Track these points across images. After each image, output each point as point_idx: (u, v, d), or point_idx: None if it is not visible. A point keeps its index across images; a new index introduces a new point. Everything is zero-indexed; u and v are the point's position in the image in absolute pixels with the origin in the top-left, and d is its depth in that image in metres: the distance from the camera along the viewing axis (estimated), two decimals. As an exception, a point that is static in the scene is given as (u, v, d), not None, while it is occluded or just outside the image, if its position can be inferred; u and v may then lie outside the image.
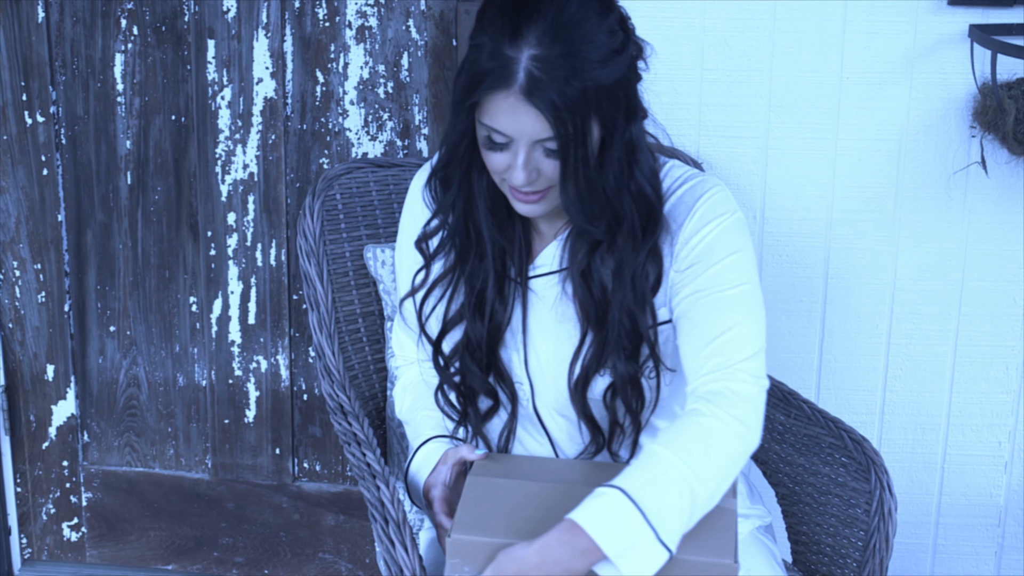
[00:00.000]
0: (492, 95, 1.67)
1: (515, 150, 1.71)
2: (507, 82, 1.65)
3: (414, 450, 1.98)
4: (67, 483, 3.01)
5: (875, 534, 1.97)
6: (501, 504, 1.76)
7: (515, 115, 1.67)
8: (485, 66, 1.67)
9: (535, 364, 1.90)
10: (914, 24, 2.48)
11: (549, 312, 1.87)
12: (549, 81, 1.64)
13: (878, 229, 2.59)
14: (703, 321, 1.78)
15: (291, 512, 2.94)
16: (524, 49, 1.65)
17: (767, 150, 2.57)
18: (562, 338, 1.87)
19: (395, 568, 1.79)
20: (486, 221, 1.84)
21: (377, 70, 2.66)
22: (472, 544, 1.71)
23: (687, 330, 1.79)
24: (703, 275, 1.79)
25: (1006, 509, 2.74)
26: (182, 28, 2.69)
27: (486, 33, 1.68)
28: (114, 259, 2.84)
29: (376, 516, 1.83)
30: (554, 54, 1.64)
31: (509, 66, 1.65)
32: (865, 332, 2.65)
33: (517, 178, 1.71)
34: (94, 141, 2.78)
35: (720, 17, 2.51)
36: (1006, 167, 2.52)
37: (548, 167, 1.72)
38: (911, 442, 2.71)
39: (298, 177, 2.74)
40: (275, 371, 2.85)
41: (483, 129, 1.72)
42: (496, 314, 1.87)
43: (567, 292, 1.85)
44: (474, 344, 1.88)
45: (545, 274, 1.88)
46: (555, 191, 1.76)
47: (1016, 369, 2.65)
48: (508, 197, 1.80)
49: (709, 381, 1.75)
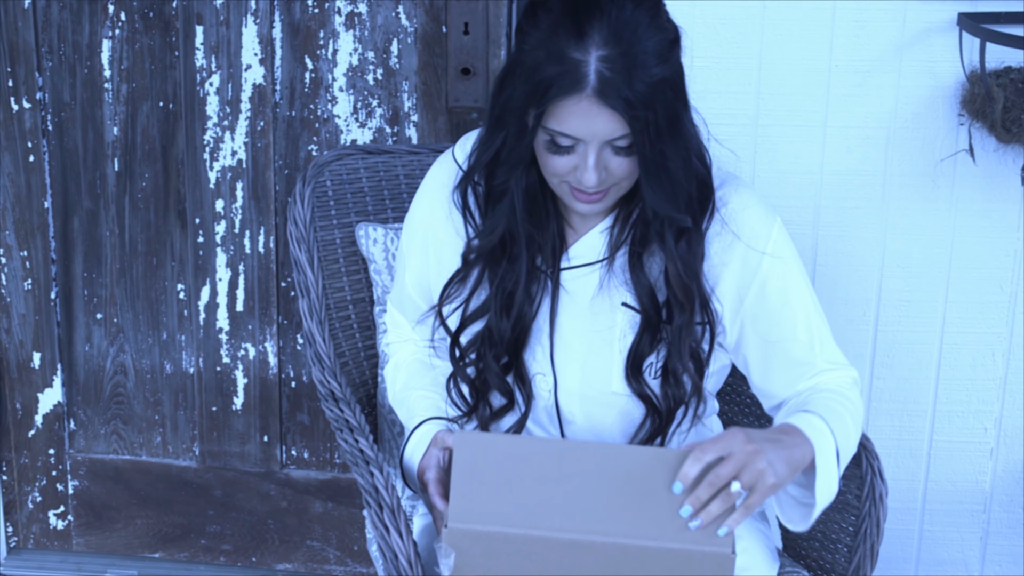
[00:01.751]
0: (563, 101, 1.67)
1: (583, 152, 1.71)
2: (578, 86, 1.65)
3: (409, 432, 1.97)
4: (53, 471, 3.00)
5: (866, 519, 1.97)
6: (496, 482, 1.74)
7: (588, 118, 1.67)
8: (549, 72, 1.66)
9: (562, 357, 1.90)
10: (903, 12, 2.49)
11: (584, 304, 1.88)
12: (620, 80, 1.64)
13: (866, 216, 2.61)
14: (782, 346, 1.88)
15: (279, 500, 2.94)
16: (592, 51, 1.65)
17: (756, 138, 2.58)
18: (597, 329, 1.87)
19: (390, 554, 1.79)
20: (523, 224, 1.83)
21: (366, 57, 2.66)
22: (470, 533, 1.71)
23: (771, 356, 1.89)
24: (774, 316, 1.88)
25: (992, 495, 2.76)
26: (170, 14, 2.68)
27: (541, 36, 1.68)
28: (101, 246, 2.84)
29: (370, 502, 1.83)
30: (620, 52, 1.64)
31: (579, 69, 1.65)
32: (852, 319, 2.67)
33: (589, 180, 1.71)
34: (81, 127, 2.77)
35: (710, 5, 2.51)
36: (994, 155, 2.53)
37: (616, 165, 1.72)
38: (897, 428, 2.73)
39: (287, 164, 2.73)
40: (263, 358, 2.85)
41: (545, 133, 1.71)
42: (525, 313, 1.87)
43: (611, 288, 1.86)
44: (496, 340, 1.88)
45: (580, 266, 1.88)
46: (616, 189, 1.77)
47: (1002, 356, 2.67)
48: (564, 197, 1.79)
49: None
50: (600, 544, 1.70)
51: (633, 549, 1.70)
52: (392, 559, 1.78)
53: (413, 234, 2.01)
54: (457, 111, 2.66)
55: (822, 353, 1.89)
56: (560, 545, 1.71)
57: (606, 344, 1.88)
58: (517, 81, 1.70)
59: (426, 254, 1.98)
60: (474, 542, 1.71)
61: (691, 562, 1.69)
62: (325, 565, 2.98)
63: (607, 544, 1.70)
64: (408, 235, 2.02)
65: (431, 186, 1.99)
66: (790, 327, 1.87)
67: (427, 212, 1.98)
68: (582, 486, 1.70)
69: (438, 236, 1.96)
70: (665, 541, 1.69)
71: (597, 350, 1.88)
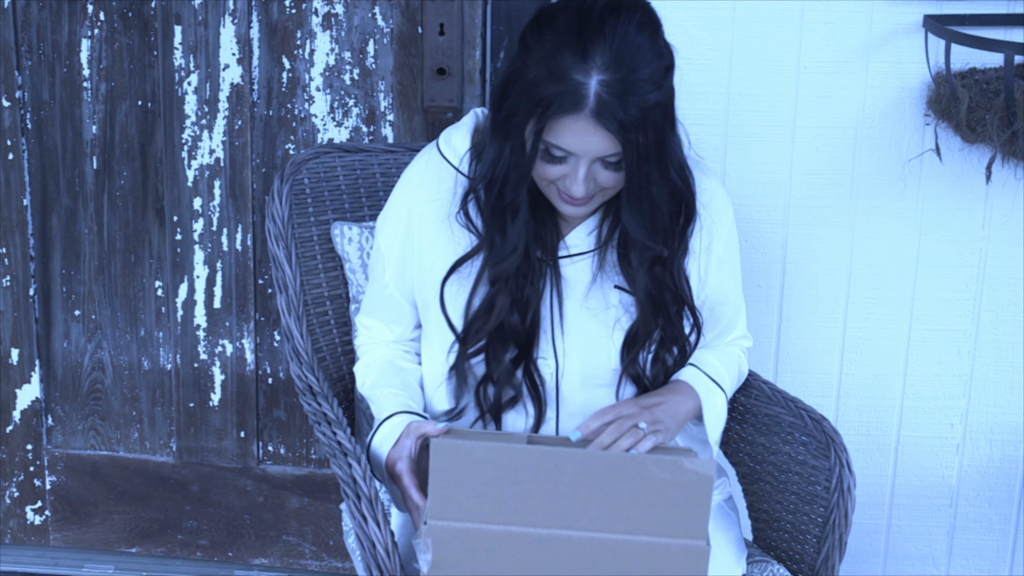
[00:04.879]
0: (561, 118, 1.75)
1: (575, 164, 1.80)
2: (578, 107, 1.73)
3: (378, 423, 2.00)
4: (31, 467, 3.01)
5: (834, 510, 2.01)
6: (472, 484, 1.77)
7: (584, 136, 1.76)
8: (550, 90, 1.74)
9: (566, 342, 1.97)
10: (870, 14, 2.52)
11: (582, 292, 1.96)
12: (616, 104, 1.72)
13: (835, 215, 2.64)
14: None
15: (255, 495, 2.96)
16: (593, 74, 1.73)
17: (726, 138, 2.61)
18: (596, 315, 1.96)
19: (368, 543, 1.81)
20: (527, 226, 1.90)
21: (343, 57, 2.68)
22: (448, 530, 1.73)
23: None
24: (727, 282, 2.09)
25: (958, 490, 2.80)
26: (149, 14, 2.70)
27: (545, 52, 1.75)
28: (80, 243, 2.86)
29: (348, 493, 1.86)
30: (619, 78, 1.73)
31: (580, 91, 1.73)
32: (822, 316, 2.70)
33: (577, 191, 1.81)
34: (60, 126, 2.79)
35: (681, 7, 2.54)
36: (959, 154, 2.57)
37: (604, 178, 1.82)
38: (866, 424, 2.76)
39: (264, 162, 2.76)
40: (240, 355, 2.87)
41: (541, 144, 1.79)
42: (535, 307, 1.95)
43: (604, 271, 1.96)
44: (508, 336, 1.95)
45: (577, 254, 1.96)
46: (602, 195, 1.87)
47: (968, 352, 2.71)
48: (551, 198, 1.89)
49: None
50: (577, 539, 1.73)
51: (609, 543, 1.73)
52: (370, 548, 1.81)
53: (396, 227, 2.04)
54: (433, 111, 2.69)
55: (739, 326, 2.18)
56: (538, 541, 1.74)
57: (604, 325, 1.97)
58: (520, 94, 1.77)
59: (409, 246, 2.02)
60: (452, 539, 1.74)
61: (666, 555, 1.72)
62: (301, 560, 3.00)
63: (584, 539, 1.73)
64: (389, 229, 2.06)
65: (416, 180, 2.03)
66: (723, 293, 2.08)
67: (412, 205, 2.02)
68: (558, 487, 1.73)
69: (425, 229, 2.00)
70: (641, 535, 1.73)
71: (597, 332, 1.97)
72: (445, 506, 1.74)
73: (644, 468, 1.73)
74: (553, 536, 1.73)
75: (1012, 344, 2.69)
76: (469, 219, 1.95)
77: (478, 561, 1.74)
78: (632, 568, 1.73)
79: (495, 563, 1.74)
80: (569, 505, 1.73)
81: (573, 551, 1.73)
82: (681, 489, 1.72)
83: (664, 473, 1.72)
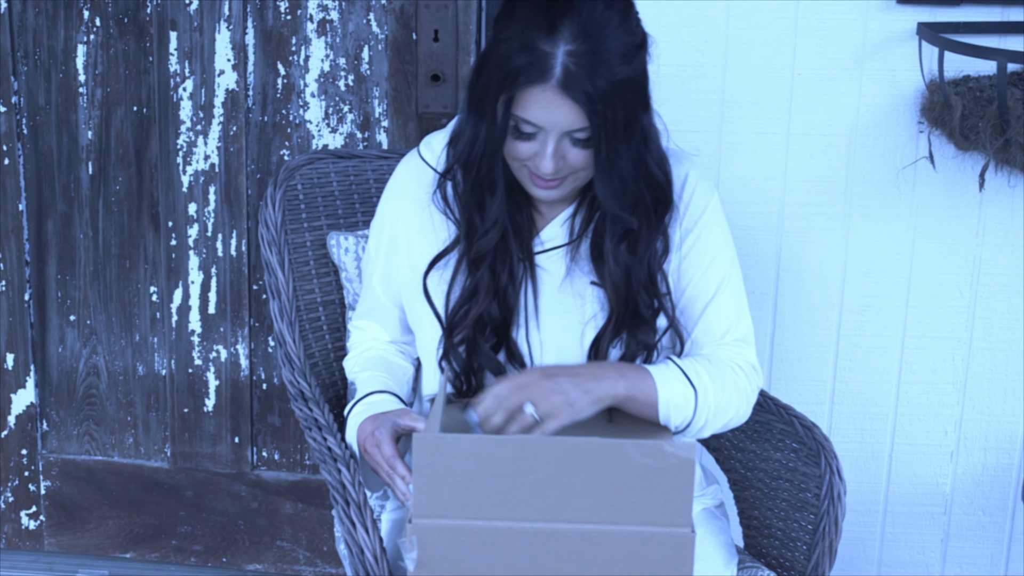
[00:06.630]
0: (528, 89, 1.76)
1: (543, 140, 1.81)
2: (544, 76, 1.74)
3: (362, 395, 2.03)
4: (26, 471, 3.02)
5: (825, 517, 2.01)
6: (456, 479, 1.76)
7: (551, 107, 1.76)
8: (519, 61, 1.75)
9: (540, 337, 1.98)
10: (864, 22, 2.53)
11: (557, 287, 1.96)
12: (583, 75, 1.73)
13: (829, 222, 2.65)
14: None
15: (249, 500, 2.96)
16: (560, 44, 1.74)
17: (720, 145, 2.61)
18: (570, 311, 1.96)
19: (356, 549, 1.82)
20: (502, 208, 1.91)
21: (338, 63, 2.69)
22: (434, 528, 1.73)
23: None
24: (708, 272, 1.99)
25: (952, 498, 2.80)
26: (144, 20, 2.71)
27: (516, 28, 1.77)
28: (75, 249, 2.86)
29: (337, 499, 1.86)
30: (587, 49, 1.74)
31: (546, 60, 1.74)
32: (816, 323, 2.70)
33: (546, 167, 1.81)
34: (56, 131, 2.79)
35: (675, 14, 2.55)
36: (952, 162, 2.58)
37: (573, 156, 1.82)
38: (860, 432, 2.76)
39: (259, 168, 2.76)
40: (235, 360, 2.88)
41: (511, 119, 1.80)
42: (509, 295, 1.95)
43: (577, 266, 1.96)
44: (487, 323, 1.96)
45: (551, 249, 1.97)
46: (573, 178, 1.86)
47: (962, 360, 2.71)
48: (523, 181, 1.89)
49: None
50: (563, 531, 1.73)
51: (595, 534, 1.73)
52: (358, 554, 1.81)
53: (381, 233, 2.07)
54: (427, 117, 2.69)
55: (731, 329, 2.01)
56: (524, 535, 1.74)
57: (578, 321, 1.96)
58: (492, 69, 1.79)
59: (394, 251, 2.04)
60: (439, 536, 1.74)
61: (652, 543, 1.72)
62: (295, 566, 3.00)
63: (569, 531, 1.73)
64: (375, 236, 2.09)
65: (398, 185, 2.06)
66: (703, 288, 1.99)
67: (396, 210, 2.05)
68: (542, 479, 1.73)
69: (409, 233, 2.02)
70: (625, 524, 1.73)
71: (570, 325, 1.96)
72: (430, 503, 1.74)
73: (625, 453, 1.73)
74: (539, 530, 1.73)
75: (1006, 351, 2.69)
76: (446, 202, 1.96)
77: (464, 557, 1.74)
78: (618, 558, 1.73)
79: (482, 559, 1.75)
80: (553, 496, 1.73)
81: (559, 544, 1.74)
82: (663, 474, 1.72)
83: (645, 458, 1.72)
